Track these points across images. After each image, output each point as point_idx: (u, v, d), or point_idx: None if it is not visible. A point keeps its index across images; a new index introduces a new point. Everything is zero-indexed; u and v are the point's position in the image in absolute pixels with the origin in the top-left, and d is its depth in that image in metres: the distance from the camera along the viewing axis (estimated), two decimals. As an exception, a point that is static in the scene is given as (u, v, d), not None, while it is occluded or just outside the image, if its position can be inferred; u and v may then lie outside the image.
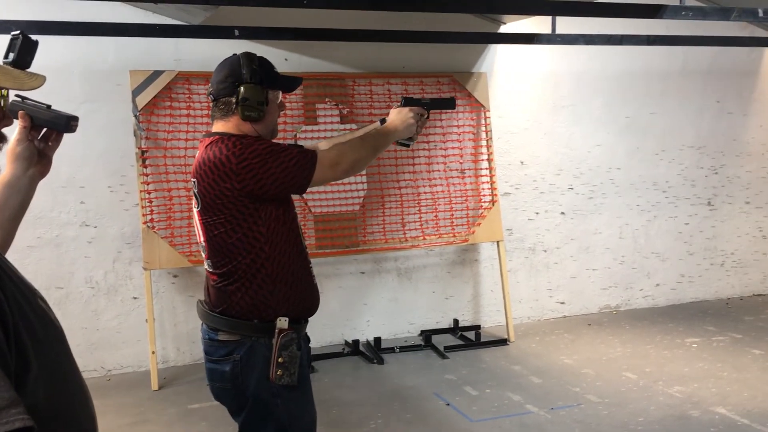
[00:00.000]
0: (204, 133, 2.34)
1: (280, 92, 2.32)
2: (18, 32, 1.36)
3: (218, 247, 2.22)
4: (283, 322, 2.20)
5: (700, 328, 5.67)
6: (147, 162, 4.69)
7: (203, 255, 2.32)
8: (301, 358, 2.24)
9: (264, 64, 2.26)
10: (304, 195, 2.37)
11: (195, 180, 2.22)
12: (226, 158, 2.12)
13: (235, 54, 2.28)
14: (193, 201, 2.29)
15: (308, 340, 2.38)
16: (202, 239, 2.29)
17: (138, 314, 4.92)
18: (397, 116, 2.44)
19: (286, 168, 2.14)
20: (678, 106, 6.29)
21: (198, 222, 2.28)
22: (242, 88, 2.19)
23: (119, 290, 4.90)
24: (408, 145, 2.58)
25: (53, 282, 4.69)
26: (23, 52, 1.35)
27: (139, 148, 4.67)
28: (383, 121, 2.50)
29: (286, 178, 2.14)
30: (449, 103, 2.64)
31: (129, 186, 4.82)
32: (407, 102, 2.49)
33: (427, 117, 2.53)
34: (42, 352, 1.11)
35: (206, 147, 2.21)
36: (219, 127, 2.27)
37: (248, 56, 2.24)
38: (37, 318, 1.15)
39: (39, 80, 1.26)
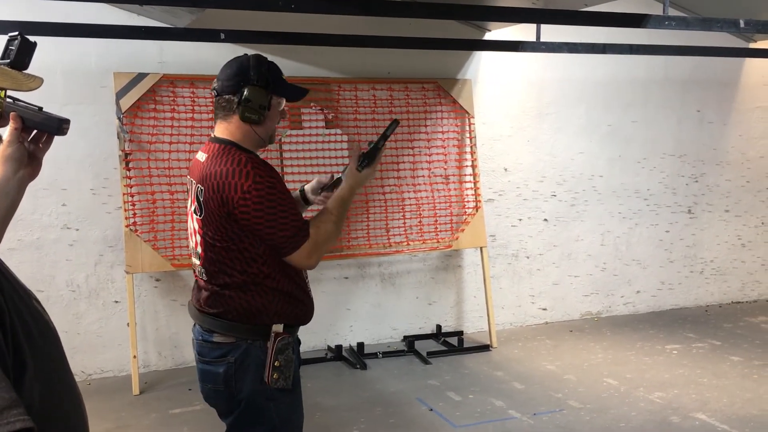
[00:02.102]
0: (209, 137, 2.32)
1: (284, 100, 2.29)
2: (16, 33, 1.35)
3: (214, 259, 2.20)
4: (278, 326, 2.20)
5: (680, 335, 5.72)
6: (130, 165, 4.66)
7: (197, 262, 2.29)
8: (294, 362, 2.25)
9: (273, 69, 2.24)
10: None
11: (202, 188, 2.18)
12: (235, 186, 2.10)
13: (245, 54, 2.26)
14: (194, 206, 2.24)
15: (299, 343, 2.38)
16: (199, 248, 2.25)
17: (119, 318, 4.88)
18: (363, 180, 2.34)
19: (275, 233, 2.13)
20: (659, 115, 6.36)
21: (196, 229, 2.25)
22: (247, 89, 2.17)
23: (100, 294, 4.85)
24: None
25: (33, 285, 4.62)
26: (21, 54, 1.34)
27: (122, 151, 4.64)
28: (338, 179, 2.44)
29: (270, 238, 2.14)
30: (394, 125, 2.46)
31: (112, 189, 4.78)
32: (367, 160, 2.34)
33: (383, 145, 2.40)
34: (38, 354, 1.11)
35: (217, 157, 2.17)
36: (221, 130, 2.24)
37: (258, 58, 2.23)
38: (33, 319, 1.14)
39: (37, 82, 1.25)
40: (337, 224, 2.28)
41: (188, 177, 2.35)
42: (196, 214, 2.23)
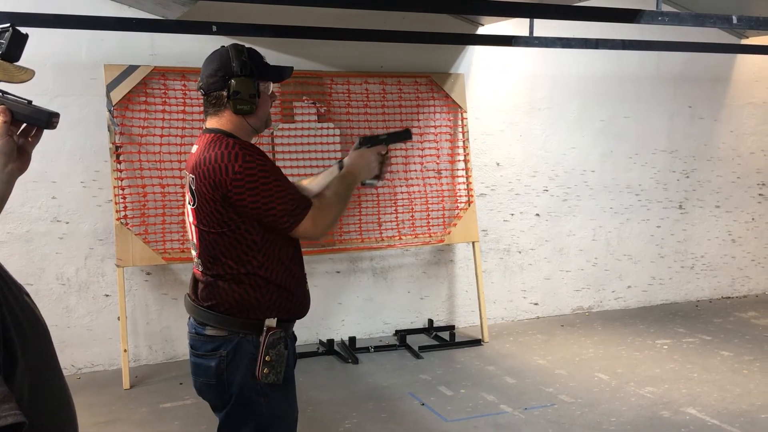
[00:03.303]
0: (202, 129, 2.32)
1: (271, 83, 2.29)
2: (8, 24, 1.33)
3: (209, 249, 2.20)
4: (271, 321, 2.20)
5: (671, 330, 5.74)
6: (121, 157, 4.63)
7: (193, 252, 2.29)
8: (287, 358, 2.23)
9: (253, 55, 2.24)
10: None
11: (193, 176, 2.19)
12: (225, 168, 2.09)
13: (223, 46, 2.25)
14: (188, 197, 2.26)
15: (295, 339, 2.37)
16: (194, 238, 2.26)
17: (110, 312, 4.85)
18: (360, 159, 2.38)
19: (274, 207, 2.11)
20: (651, 111, 6.37)
21: (191, 219, 2.26)
22: (233, 82, 2.17)
23: (91, 287, 4.82)
24: (374, 185, 2.51)
25: (23, 278, 4.58)
26: (13, 45, 1.32)
27: (113, 144, 4.60)
28: (341, 163, 2.45)
29: (270, 214, 2.12)
30: (406, 134, 2.53)
31: (102, 182, 4.75)
32: (365, 141, 2.42)
33: (387, 152, 2.45)
34: (28, 349, 1.10)
35: (207, 145, 2.17)
36: (213, 123, 2.24)
37: (237, 48, 2.22)
38: (24, 315, 1.13)
39: (29, 74, 1.24)
40: (338, 197, 2.28)
41: (185, 171, 2.35)
42: (190, 205, 2.24)
